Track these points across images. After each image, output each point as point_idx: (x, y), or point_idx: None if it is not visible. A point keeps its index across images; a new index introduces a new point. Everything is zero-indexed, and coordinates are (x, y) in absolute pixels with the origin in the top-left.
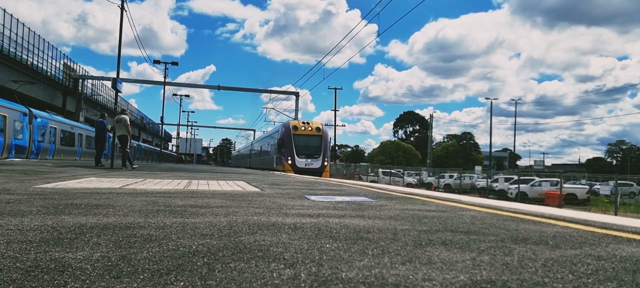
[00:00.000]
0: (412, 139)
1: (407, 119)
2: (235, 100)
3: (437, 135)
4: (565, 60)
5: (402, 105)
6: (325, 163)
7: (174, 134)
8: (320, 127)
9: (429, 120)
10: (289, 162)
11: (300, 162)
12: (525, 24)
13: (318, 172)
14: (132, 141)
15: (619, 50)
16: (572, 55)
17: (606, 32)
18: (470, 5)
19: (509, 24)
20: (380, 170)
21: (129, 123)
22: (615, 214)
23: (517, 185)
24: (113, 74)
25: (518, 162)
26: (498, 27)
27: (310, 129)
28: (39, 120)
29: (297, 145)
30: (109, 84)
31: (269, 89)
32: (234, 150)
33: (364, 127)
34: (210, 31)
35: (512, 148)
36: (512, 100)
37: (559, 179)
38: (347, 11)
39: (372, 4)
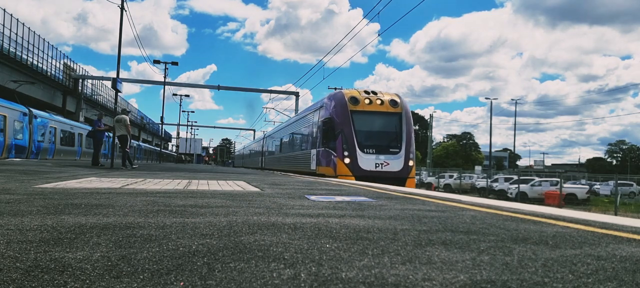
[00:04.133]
0: None
1: None
2: (236, 100)
3: (438, 135)
4: (568, 59)
5: None
6: (411, 162)
7: (174, 133)
8: (398, 100)
9: (428, 120)
10: (346, 160)
11: (367, 160)
12: (528, 23)
13: (399, 179)
14: (132, 141)
15: (622, 49)
16: (574, 54)
17: (609, 31)
18: (473, 4)
19: (511, 22)
20: None
21: (128, 123)
22: (615, 214)
23: (517, 185)
24: (113, 74)
25: (518, 162)
26: (501, 26)
27: (380, 102)
28: (38, 120)
29: (360, 131)
30: (109, 83)
31: (269, 88)
32: (235, 149)
33: None
34: (211, 30)
35: (512, 148)
36: (513, 100)
37: (558, 179)
38: (349, 10)
39: (373, 2)
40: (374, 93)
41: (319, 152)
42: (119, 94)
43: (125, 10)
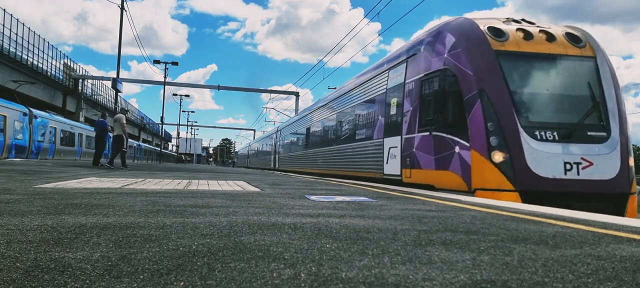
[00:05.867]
0: None
1: None
2: (236, 101)
3: None
4: None
5: None
6: (630, 160)
7: (174, 133)
8: (580, 35)
9: None
10: (497, 157)
11: (548, 156)
12: None
13: (614, 197)
14: (132, 141)
15: (623, 49)
16: None
17: (611, 31)
18: (474, 3)
19: None
20: None
21: (124, 122)
22: None
23: None
24: (113, 74)
25: None
26: None
27: (546, 36)
28: (39, 120)
29: (524, 94)
30: (109, 83)
31: (269, 88)
32: (235, 148)
33: None
34: (212, 30)
35: None
36: None
37: None
38: (350, 10)
39: (374, 2)
40: (529, 22)
41: (411, 141)
42: (119, 93)
43: (125, 10)
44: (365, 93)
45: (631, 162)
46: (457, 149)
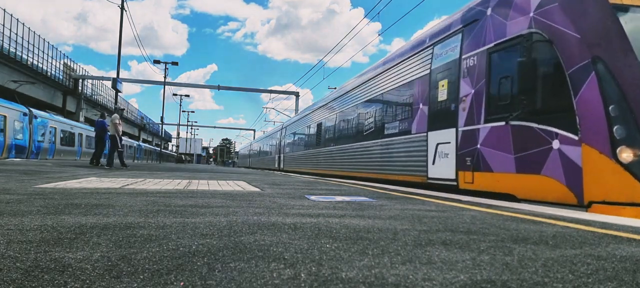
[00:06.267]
0: None
1: None
2: (236, 101)
3: None
4: None
5: None
6: None
7: (174, 133)
8: None
9: None
10: (626, 155)
11: None
12: None
13: None
14: (132, 141)
15: None
16: None
17: None
18: None
19: None
20: None
21: (117, 122)
22: None
23: None
24: (113, 74)
25: None
26: None
27: None
28: (39, 120)
29: None
30: (109, 83)
31: (269, 88)
32: (235, 148)
33: None
34: (212, 30)
35: None
36: None
37: None
38: (350, 10)
39: (374, 2)
40: None
41: (473, 134)
42: (119, 93)
43: (125, 10)
44: (398, 77)
45: None
46: (556, 144)
